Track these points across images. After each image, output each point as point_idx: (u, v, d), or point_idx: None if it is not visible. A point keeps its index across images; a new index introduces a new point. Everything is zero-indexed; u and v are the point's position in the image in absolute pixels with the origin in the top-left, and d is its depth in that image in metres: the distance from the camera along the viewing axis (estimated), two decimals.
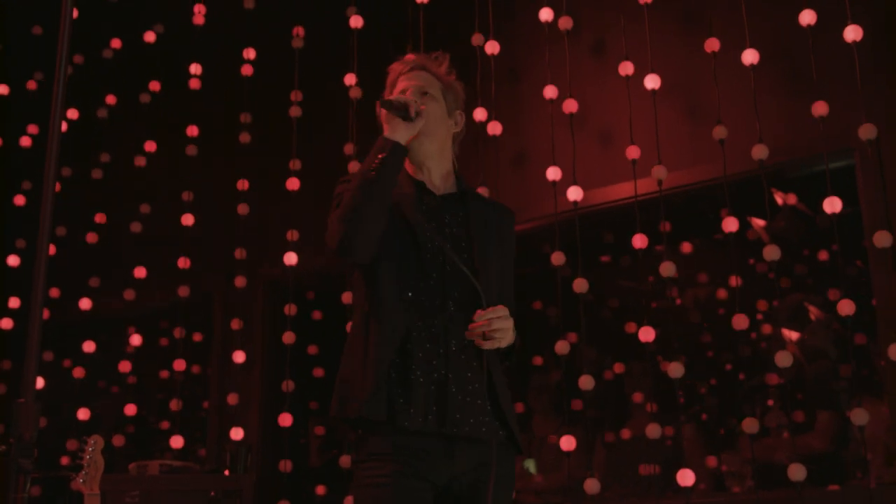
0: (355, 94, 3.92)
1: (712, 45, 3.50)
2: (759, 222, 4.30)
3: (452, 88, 1.99)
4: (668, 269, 3.29)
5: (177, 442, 4.02)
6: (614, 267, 4.77)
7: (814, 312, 4.41)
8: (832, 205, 3.12)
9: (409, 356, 1.73)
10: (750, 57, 3.37)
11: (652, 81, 3.50)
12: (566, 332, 3.56)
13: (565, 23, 3.68)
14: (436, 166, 1.95)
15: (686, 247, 4.62)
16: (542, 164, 3.76)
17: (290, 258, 3.91)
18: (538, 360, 4.87)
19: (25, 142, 4.63)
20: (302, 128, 4.05)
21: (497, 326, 1.74)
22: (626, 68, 3.57)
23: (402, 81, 1.97)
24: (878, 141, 3.17)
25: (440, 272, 1.79)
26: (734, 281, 3.68)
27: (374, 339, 1.73)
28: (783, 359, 3.11)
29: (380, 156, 1.76)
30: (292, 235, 3.91)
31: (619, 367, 4.66)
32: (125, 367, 4.30)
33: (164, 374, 4.76)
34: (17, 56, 4.70)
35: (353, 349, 1.79)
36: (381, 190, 1.73)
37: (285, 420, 3.81)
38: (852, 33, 3.22)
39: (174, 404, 4.07)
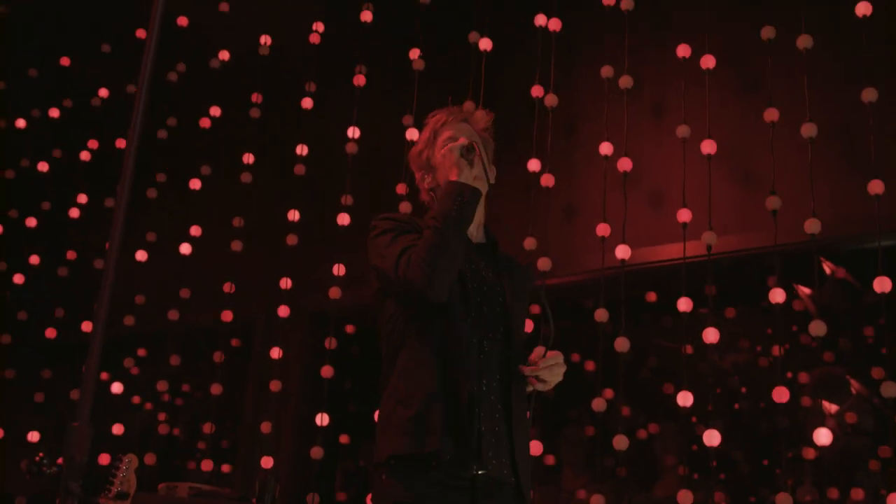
0: (412, 135, 4.01)
1: (771, 114, 3.55)
2: (805, 290, 4.31)
3: (490, 144, 2.07)
4: (710, 335, 3.35)
5: (207, 465, 4.12)
6: (655, 326, 4.79)
7: (855, 387, 4.41)
8: (882, 284, 3.18)
9: (455, 397, 1.75)
10: (809, 130, 3.45)
11: (708, 146, 3.56)
12: (603, 389, 3.61)
13: (626, 82, 3.77)
14: (477, 215, 2.00)
15: (730, 312, 4.65)
16: (593, 219, 3.81)
17: (335, 292, 4.03)
18: (573, 414, 4.91)
19: (43, 166, 4.86)
20: (357, 164, 4.16)
21: (555, 372, 1.82)
22: (684, 131, 3.64)
23: (448, 130, 2.02)
24: None
25: (478, 312, 1.84)
26: (777, 351, 3.72)
27: (432, 375, 1.76)
28: (822, 436, 3.14)
29: (461, 199, 1.81)
30: (339, 270, 4.03)
31: (653, 428, 4.68)
32: (162, 385, 4.41)
33: (199, 395, 4.85)
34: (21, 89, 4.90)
35: (406, 387, 1.80)
36: (462, 231, 1.79)
37: (317, 453, 3.89)
38: None
39: (207, 427, 4.16)
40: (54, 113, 5.13)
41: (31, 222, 5.02)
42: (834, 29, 3.64)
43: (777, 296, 3.31)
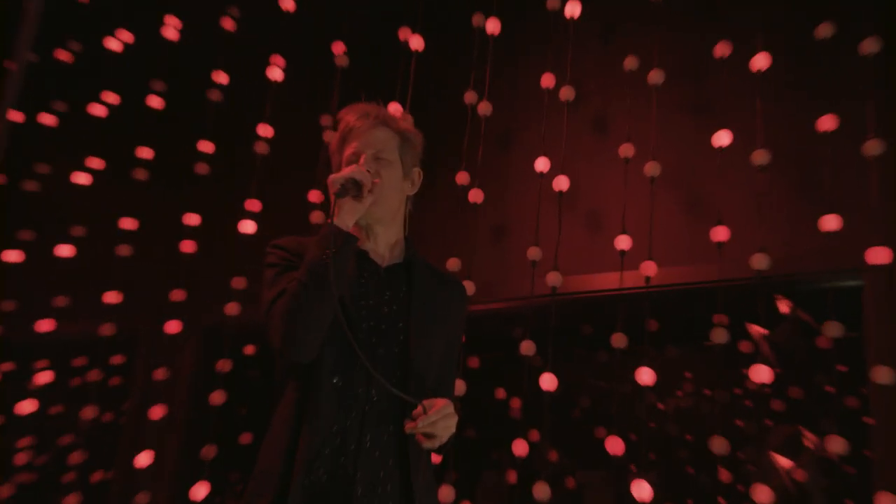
0: (330, 137, 3.77)
1: (721, 138, 3.42)
2: (757, 329, 4.22)
3: (411, 143, 1.95)
4: (645, 375, 3.21)
5: (72, 502, 3.83)
6: (590, 362, 4.66)
7: (809, 440, 4.30)
8: (833, 329, 3.08)
9: (319, 452, 1.69)
10: (760, 157, 3.34)
11: (652, 168, 3.44)
12: (528, 430, 3.44)
13: (567, 93, 3.61)
14: (384, 232, 1.91)
15: (671, 351, 4.56)
16: (524, 241, 3.67)
17: (232, 308, 3.79)
18: (494, 456, 4.77)
19: None
20: (267, 166, 3.90)
21: (441, 426, 1.69)
22: (627, 150, 3.52)
23: (355, 140, 1.91)
24: (894, 268, 3.09)
25: (372, 355, 1.77)
26: (720, 396, 3.60)
27: (288, 444, 1.70)
28: (763, 494, 3.03)
29: (328, 250, 1.70)
30: (239, 283, 3.81)
31: (582, 476, 4.55)
32: (27, 406, 4.12)
33: (72, 418, 4.57)
34: None
35: (275, 438, 1.75)
36: (331, 287, 1.68)
37: (199, 491, 3.64)
38: (874, 147, 3.15)
39: (76, 457, 3.89)
40: None
41: None
42: (794, 51, 3.55)
43: (720, 336, 3.20)
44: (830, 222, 3.13)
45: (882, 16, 3.32)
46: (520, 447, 3.31)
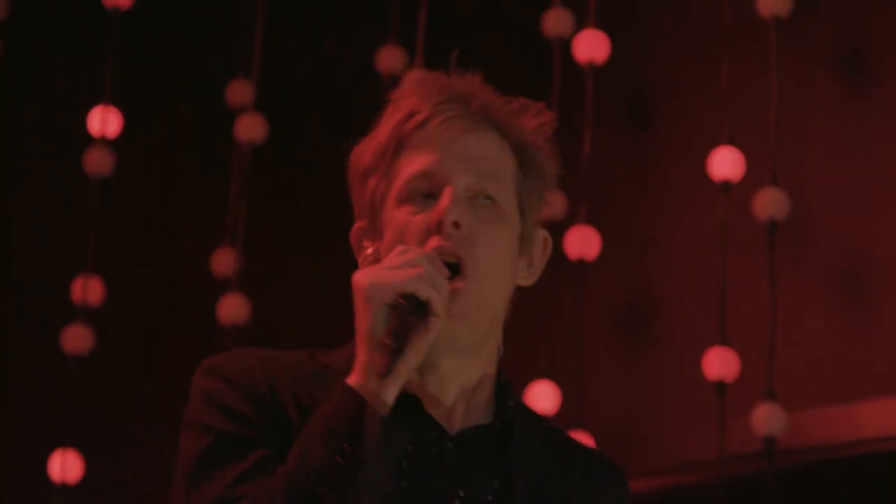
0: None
1: None
2: None
3: (540, 173, 1.27)
4: None
5: None
6: None
7: None
8: None
9: None
10: None
11: None
12: None
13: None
14: (458, 367, 1.28)
15: None
16: (689, 336, 2.63)
17: None
18: None
19: None
20: None
21: None
22: None
23: (426, 157, 1.22)
24: None
25: None
26: None
27: None
28: None
29: (346, 445, 1.17)
30: None
31: None
32: None
33: None
34: None
35: None
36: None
37: None
38: None
39: None
40: None
41: None
42: None
43: None
44: None
45: None
46: None
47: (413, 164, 1.21)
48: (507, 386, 1.30)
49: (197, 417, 1.21)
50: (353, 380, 1.13)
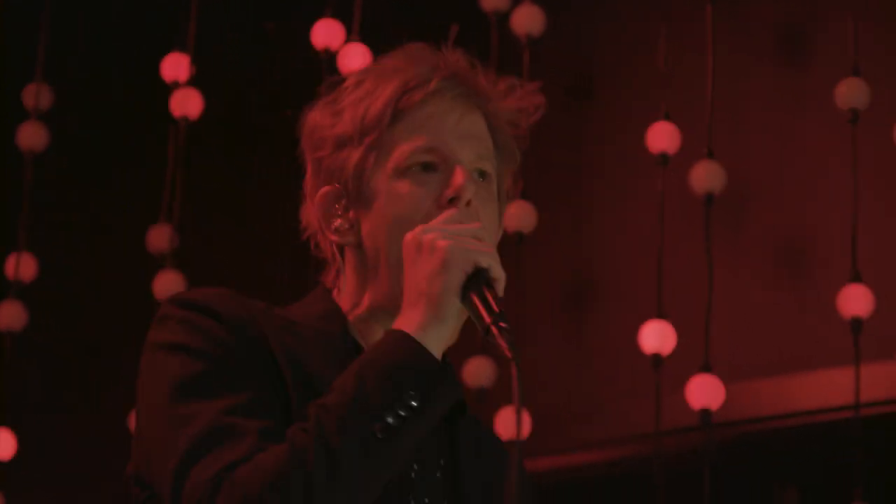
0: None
1: None
2: None
3: (510, 152, 1.34)
4: None
5: None
6: None
7: None
8: None
9: None
10: None
11: None
12: None
13: None
14: (445, 345, 1.26)
15: None
16: (627, 311, 2.63)
17: None
18: None
19: None
20: None
21: None
22: (850, 94, 2.33)
23: (422, 135, 1.26)
24: None
25: None
26: None
27: None
28: None
29: (412, 391, 1.15)
30: None
31: None
32: None
33: None
34: None
35: None
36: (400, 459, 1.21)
37: None
38: None
39: None
40: None
41: None
42: None
43: None
44: None
45: None
46: None
47: (417, 139, 1.23)
48: (448, 361, 1.30)
49: (180, 341, 1.19)
50: (413, 332, 1.14)
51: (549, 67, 2.61)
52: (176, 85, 2.45)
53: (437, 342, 1.15)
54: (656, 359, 2.20)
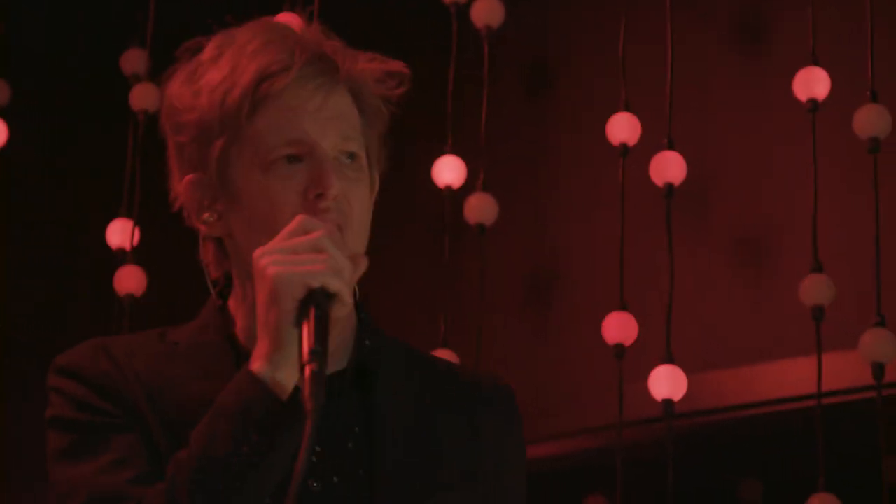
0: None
1: None
2: None
3: (379, 122, 1.28)
4: None
5: None
6: None
7: None
8: None
9: None
10: None
11: (873, 121, 2.25)
12: None
13: None
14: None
15: None
16: (591, 302, 2.59)
17: None
18: None
19: None
20: None
21: None
22: (808, 84, 2.33)
23: (281, 114, 1.20)
24: None
25: None
26: None
27: None
28: None
29: (254, 435, 1.13)
30: None
31: None
32: None
33: None
34: None
35: None
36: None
37: None
38: None
39: None
40: None
41: None
42: None
43: None
44: None
45: None
46: None
47: (279, 131, 1.19)
48: (367, 323, 1.29)
49: (56, 414, 1.20)
50: (256, 367, 1.11)
51: (508, 59, 2.59)
52: (136, 78, 2.42)
53: (287, 367, 1.12)
54: (619, 349, 2.19)
